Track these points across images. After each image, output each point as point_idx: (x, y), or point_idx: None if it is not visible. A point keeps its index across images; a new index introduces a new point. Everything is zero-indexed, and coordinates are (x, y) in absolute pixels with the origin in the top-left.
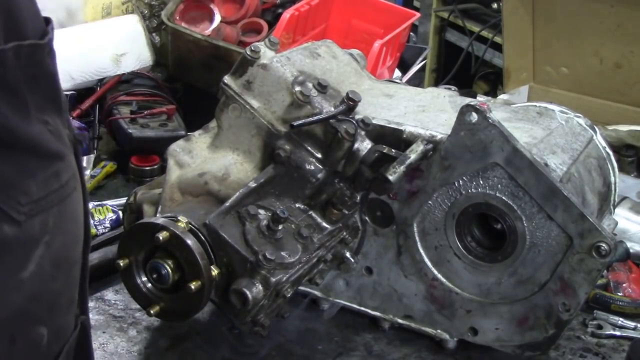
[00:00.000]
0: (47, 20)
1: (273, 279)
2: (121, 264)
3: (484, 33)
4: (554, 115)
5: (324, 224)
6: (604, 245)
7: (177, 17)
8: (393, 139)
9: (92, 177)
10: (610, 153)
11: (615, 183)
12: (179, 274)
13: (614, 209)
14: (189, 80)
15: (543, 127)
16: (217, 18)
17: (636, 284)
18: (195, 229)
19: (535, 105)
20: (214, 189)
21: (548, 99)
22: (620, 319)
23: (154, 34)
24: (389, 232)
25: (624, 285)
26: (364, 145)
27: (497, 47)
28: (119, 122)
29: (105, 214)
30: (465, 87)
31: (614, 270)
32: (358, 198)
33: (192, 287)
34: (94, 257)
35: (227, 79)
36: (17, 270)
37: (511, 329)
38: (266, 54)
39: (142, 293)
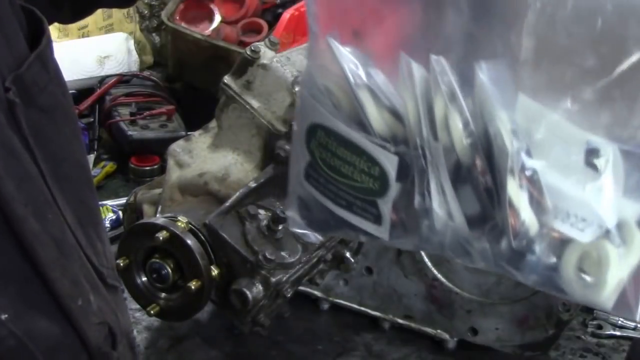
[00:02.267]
0: None
1: (273, 279)
2: (121, 264)
3: None
4: None
5: None
6: None
7: (177, 17)
8: None
9: (92, 177)
10: None
11: None
12: (179, 274)
13: None
14: (189, 80)
15: None
16: (217, 18)
17: None
18: (195, 229)
19: None
20: (214, 189)
21: None
22: (621, 318)
23: (153, 34)
24: None
25: None
26: None
27: None
28: (118, 125)
29: (105, 214)
30: None
31: None
32: None
33: (192, 287)
34: None
35: (227, 79)
36: None
37: (511, 329)
38: (266, 54)
39: (142, 293)
